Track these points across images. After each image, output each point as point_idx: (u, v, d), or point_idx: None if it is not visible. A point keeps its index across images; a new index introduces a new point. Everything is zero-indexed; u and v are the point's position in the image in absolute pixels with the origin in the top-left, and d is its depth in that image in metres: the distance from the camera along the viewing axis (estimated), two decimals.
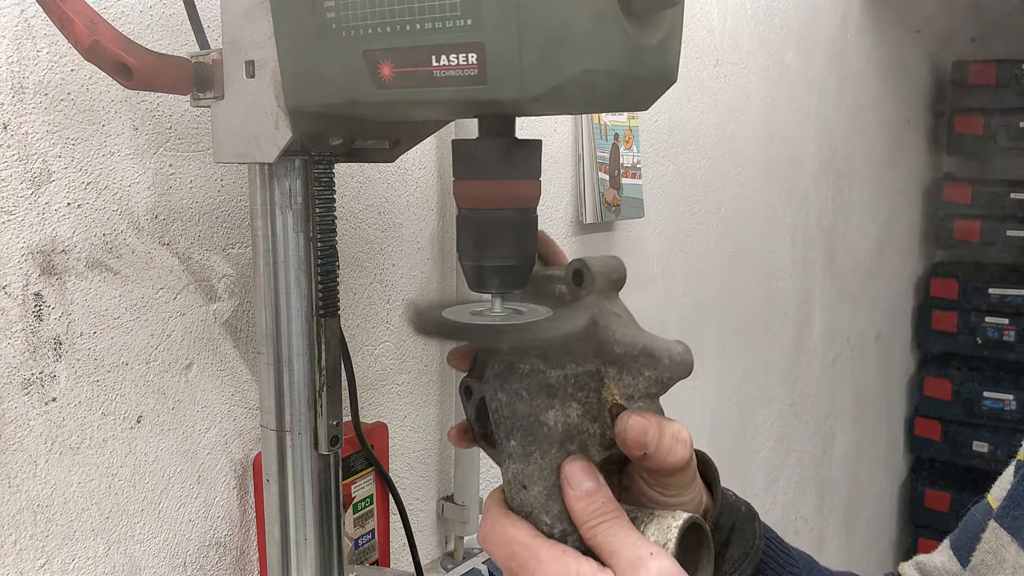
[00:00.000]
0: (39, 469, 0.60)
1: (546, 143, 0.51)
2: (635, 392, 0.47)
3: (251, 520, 0.74)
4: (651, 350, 0.47)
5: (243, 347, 0.72)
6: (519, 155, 0.47)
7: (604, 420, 0.48)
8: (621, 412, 0.47)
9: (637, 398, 0.47)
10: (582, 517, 0.45)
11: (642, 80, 0.46)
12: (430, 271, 0.91)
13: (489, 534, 0.47)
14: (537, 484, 0.46)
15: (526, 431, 0.46)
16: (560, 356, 0.47)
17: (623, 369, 0.47)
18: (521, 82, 0.41)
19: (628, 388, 0.47)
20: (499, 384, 0.48)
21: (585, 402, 0.47)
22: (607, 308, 0.49)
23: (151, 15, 0.63)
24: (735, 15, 1.53)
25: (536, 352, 0.47)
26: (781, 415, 1.96)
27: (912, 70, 2.74)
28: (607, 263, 0.49)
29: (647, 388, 0.47)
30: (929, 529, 2.99)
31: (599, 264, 0.49)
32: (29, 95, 0.57)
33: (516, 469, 0.47)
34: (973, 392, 2.87)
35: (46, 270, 0.59)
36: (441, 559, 0.98)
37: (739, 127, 1.59)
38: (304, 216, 0.57)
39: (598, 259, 0.49)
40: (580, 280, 0.49)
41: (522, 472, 0.46)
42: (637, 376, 0.47)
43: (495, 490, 0.49)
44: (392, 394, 0.88)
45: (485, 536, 0.48)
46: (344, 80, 0.46)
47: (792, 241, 1.89)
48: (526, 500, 0.46)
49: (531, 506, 0.46)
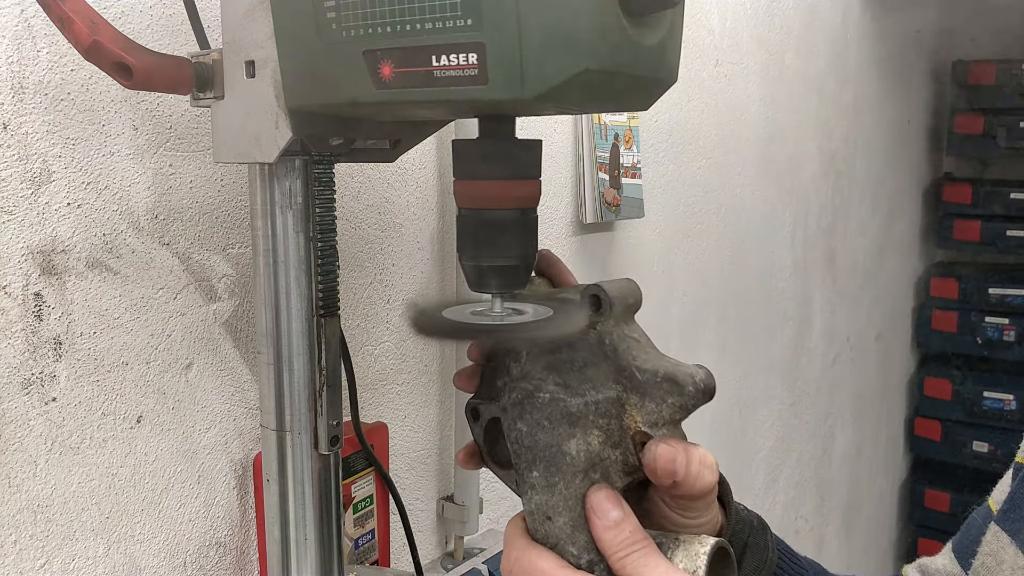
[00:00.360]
0: (39, 469, 0.60)
1: (546, 143, 0.51)
2: (659, 419, 0.47)
3: (251, 520, 0.74)
4: (674, 376, 0.46)
5: (243, 347, 0.72)
6: (519, 155, 0.47)
7: (626, 446, 0.47)
8: (646, 440, 0.47)
9: (661, 425, 0.47)
10: (611, 547, 0.44)
11: (642, 80, 0.46)
12: (430, 271, 0.91)
13: (515, 567, 0.46)
14: (562, 515, 0.45)
15: (548, 461, 0.46)
16: (580, 383, 0.47)
17: (645, 396, 0.47)
18: (521, 82, 0.41)
19: (651, 415, 0.47)
20: (518, 414, 0.47)
21: (607, 429, 0.47)
22: (625, 333, 0.49)
23: (151, 15, 0.63)
24: (735, 15, 1.53)
25: (555, 380, 0.47)
26: (781, 415, 1.96)
27: (912, 70, 2.74)
28: (624, 287, 0.49)
29: (671, 415, 0.47)
30: (929, 529, 2.99)
31: (616, 289, 0.49)
32: (29, 95, 0.57)
33: (540, 500, 0.46)
34: (973, 392, 2.87)
35: (46, 270, 0.59)
36: (441, 559, 0.98)
37: (739, 127, 1.59)
38: (304, 216, 0.57)
39: (614, 284, 0.49)
40: (598, 306, 0.48)
41: (546, 503, 0.46)
42: (660, 403, 0.47)
43: (516, 518, 0.49)
44: (392, 394, 0.88)
45: (511, 569, 0.47)
46: (344, 80, 0.46)
47: (792, 241, 1.89)
48: (551, 531, 0.46)
49: (557, 537, 0.46)
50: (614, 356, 0.48)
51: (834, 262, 2.16)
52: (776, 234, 1.82)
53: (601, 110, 1.10)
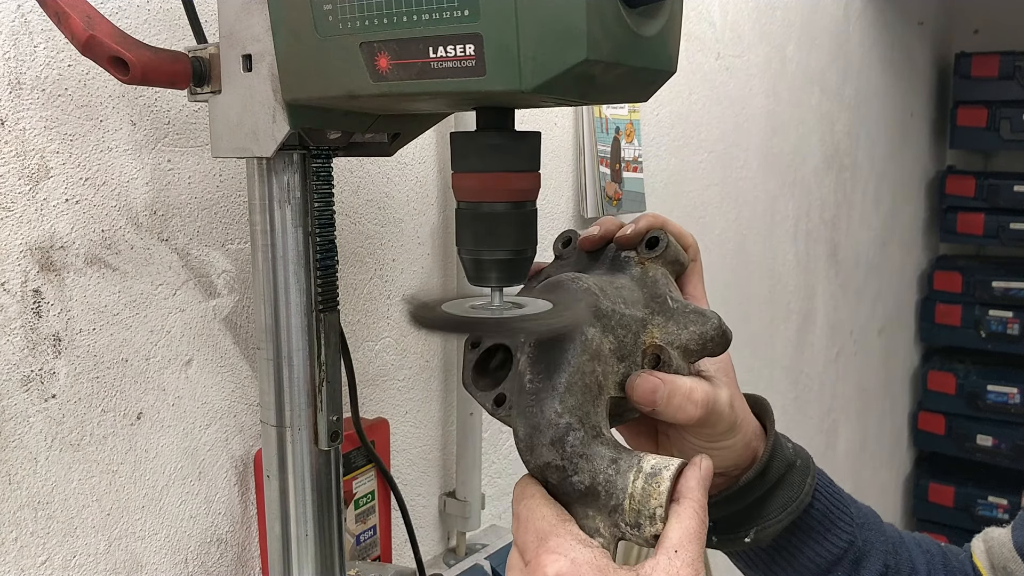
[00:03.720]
0: (39, 466, 0.59)
1: (547, 136, 0.51)
2: (675, 340, 0.51)
3: (252, 516, 0.74)
4: (703, 312, 0.52)
5: (243, 343, 0.72)
6: (518, 148, 0.47)
7: (633, 361, 0.50)
8: (658, 353, 0.50)
9: (676, 346, 0.51)
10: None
11: (641, 71, 0.46)
12: (430, 266, 0.91)
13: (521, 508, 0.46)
14: (562, 375, 0.46)
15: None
16: (615, 296, 0.50)
17: (670, 320, 0.52)
18: (519, 73, 0.41)
19: (670, 335, 0.51)
20: (554, 286, 0.51)
21: (621, 340, 0.50)
22: (668, 279, 0.54)
23: (148, 10, 0.63)
24: (736, 8, 1.52)
25: (595, 283, 0.50)
26: (784, 409, 1.95)
27: (915, 62, 2.73)
28: (679, 245, 0.55)
29: (687, 341, 0.51)
30: (933, 523, 2.98)
31: (674, 242, 0.54)
32: (26, 91, 0.57)
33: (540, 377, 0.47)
34: (977, 386, 2.87)
35: (45, 266, 0.58)
36: (443, 555, 0.98)
37: (741, 120, 1.58)
38: (303, 211, 0.57)
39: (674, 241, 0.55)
40: (654, 245, 0.54)
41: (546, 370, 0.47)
42: (682, 329, 0.51)
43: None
44: (393, 390, 0.88)
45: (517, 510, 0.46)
46: (341, 72, 0.46)
47: (795, 235, 1.89)
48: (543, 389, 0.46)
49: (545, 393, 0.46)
50: (652, 287, 0.53)
51: (837, 256, 2.15)
52: (778, 228, 1.81)
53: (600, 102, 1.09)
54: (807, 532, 0.60)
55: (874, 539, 0.62)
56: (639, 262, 0.54)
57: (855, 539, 0.61)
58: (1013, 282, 2.84)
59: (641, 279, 0.53)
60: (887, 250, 2.58)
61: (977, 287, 2.89)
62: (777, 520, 0.57)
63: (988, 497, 2.88)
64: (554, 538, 0.42)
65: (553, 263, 0.59)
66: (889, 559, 0.62)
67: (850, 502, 0.62)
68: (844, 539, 0.60)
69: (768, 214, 1.75)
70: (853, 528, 0.61)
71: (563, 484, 0.45)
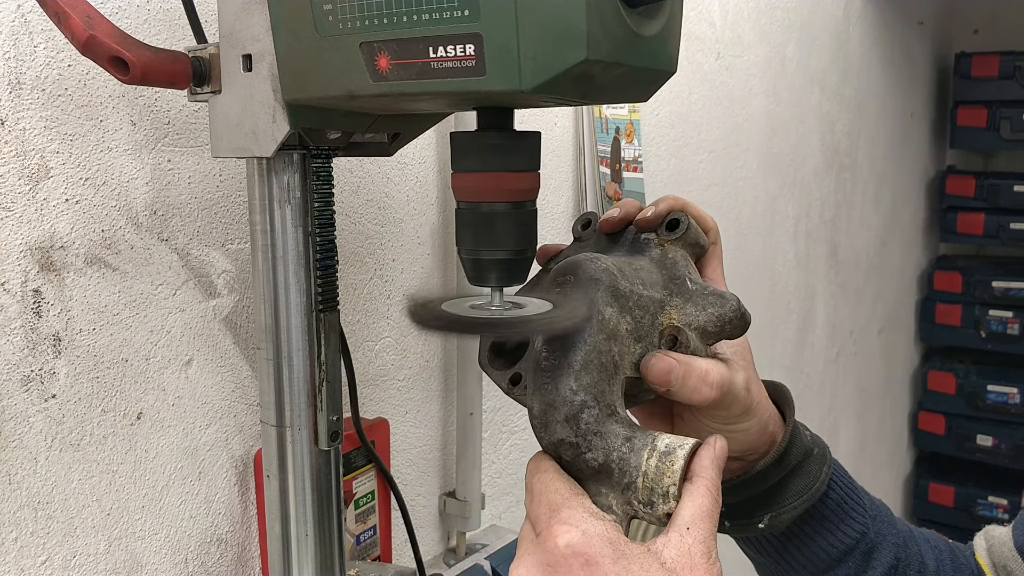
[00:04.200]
0: (39, 466, 0.59)
1: (547, 136, 0.51)
2: (693, 321, 0.51)
3: (252, 516, 0.74)
4: (722, 294, 0.51)
5: (243, 343, 0.72)
6: (517, 147, 0.47)
7: (650, 342, 0.50)
8: (676, 334, 0.50)
9: (694, 327, 0.51)
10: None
11: (641, 71, 0.46)
12: (431, 266, 0.91)
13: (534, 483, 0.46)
14: (578, 352, 0.46)
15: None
16: (633, 278, 0.50)
17: (689, 301, 0.51)
18: (519, 73, 0.41)
19: (688, 316, 0.51)
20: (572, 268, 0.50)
21: (639, 321, 0.49)
22: (687, 262, 0.53)
23: (148, 10, 0.63)
24: (736, 8, 1.52)
25: (615, 263, 0.50)
26: None
27: (915, 62, 2.73)
28: (699, 227, 0.55)
29: (706, 322, 0.51)
30: (933, 523, 2.98)
31: (695, 224, 0.54)
32: (26, 91, 0.57)
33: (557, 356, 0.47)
34: (977, 386, 2.87)
35: (45, 266, 0.58)
36: (443, 555, 0.98)
37: (741, 120, 1.58)
38: (303, 211, 0.57)
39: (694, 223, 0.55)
40: (675, 227, 0.54)
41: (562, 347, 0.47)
42: (701, 310, 0.51)
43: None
44: (393, 390, 0.88)
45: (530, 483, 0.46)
46: (341, 72, 0.46)
47: (795, 235, 1.89)
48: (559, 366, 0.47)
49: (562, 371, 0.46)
50: (671, 268, 0.53)
51: (837, 256, 2.15)
52: (778, 228, 1.81)
53: (600, 102, 1.09)
54: (821, 521, 0.60)
55: (886, 532, 0.62)
56: (659, 244, 0.54)
57: (867, 530, 0.61)
58: (1013, 282, 2.84)
59: (660, 261, 0.53)
60: (887, 250, 2.58)
61: (977, 287, 2.89)
62: (792, 507, 0.57)
63: (988, 497, 2.88)
64: (566, 510, 0.42)
65: (572, 244, 0.59)
66: (900, 552, 0.62)
67: (863, 494, 0.63)
68: (857, 530, 0.60)
69: (768, 214, 1.75)
70: (866, 519, 0.61)
71: (576, 461, 0.45)
